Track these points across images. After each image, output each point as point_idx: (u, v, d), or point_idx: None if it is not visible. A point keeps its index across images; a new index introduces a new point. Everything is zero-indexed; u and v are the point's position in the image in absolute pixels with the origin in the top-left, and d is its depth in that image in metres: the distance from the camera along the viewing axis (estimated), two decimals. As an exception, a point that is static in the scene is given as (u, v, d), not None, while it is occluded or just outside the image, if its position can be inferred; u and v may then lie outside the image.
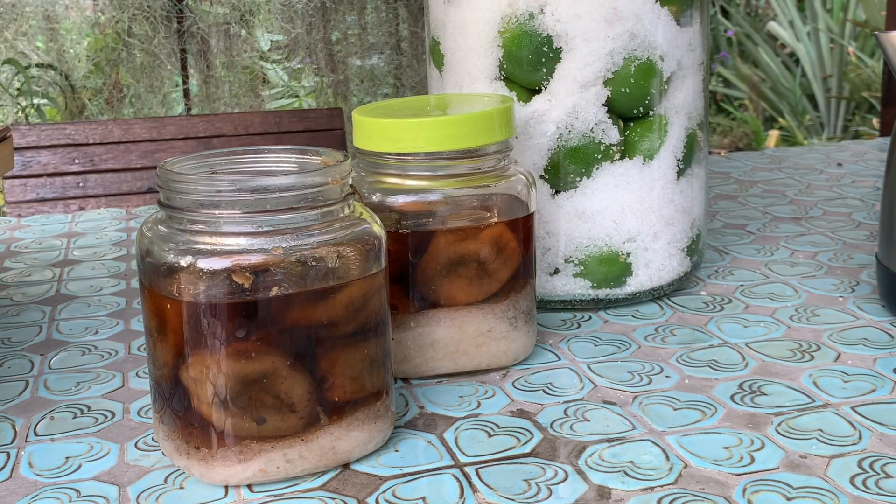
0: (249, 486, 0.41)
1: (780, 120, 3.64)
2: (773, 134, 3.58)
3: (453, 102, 0.56)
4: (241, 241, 0.39)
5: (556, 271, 0.59)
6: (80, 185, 1.41)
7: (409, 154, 0.49)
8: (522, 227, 0.51)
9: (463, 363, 0.51)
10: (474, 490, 0.40)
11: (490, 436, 0.45)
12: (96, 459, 0.44)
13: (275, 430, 0.40)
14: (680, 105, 0.59)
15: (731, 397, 0.48)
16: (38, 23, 2.37)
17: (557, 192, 0.58)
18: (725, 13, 3.97)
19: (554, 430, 0.45)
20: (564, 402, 0.48)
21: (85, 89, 2.46)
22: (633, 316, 0.59)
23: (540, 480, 0.41)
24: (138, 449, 0.45)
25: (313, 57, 2.53)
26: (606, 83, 0.56)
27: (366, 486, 0.41)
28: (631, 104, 0.57)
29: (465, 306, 0.50)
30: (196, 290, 0.39)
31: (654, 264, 0.60)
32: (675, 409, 0.47)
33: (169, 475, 0.42)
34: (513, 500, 0.40)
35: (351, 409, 0.41)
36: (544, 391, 0.49)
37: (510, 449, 0.44)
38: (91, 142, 1.42)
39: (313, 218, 0.40)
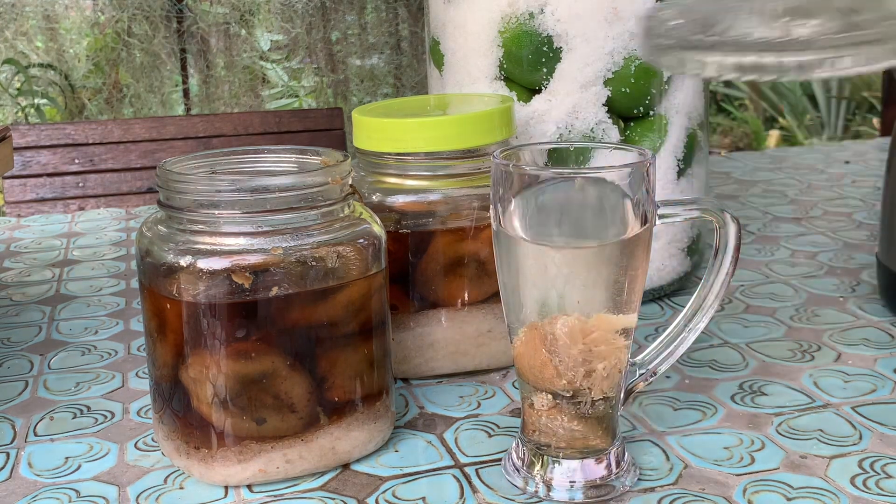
0: (249, 487, 0.41)
1: (781, 120, 3.64)
2: (774, 134, 3.58)
3: (453, 102, 0.56)
4: (241, 241, 0.39)
5: (556, 271, 0.59)
6: (80, 185, 1.41)
7: (409, 154, 0.49)
8: (522, 227, 0.50)
9: (463, 363, 0.51)
10: (474, 490, 0.40)
11: (490, 436, 0.45)
12: (96, 459, 0.44)
13: (275, 431, 0.40)
14: (680, 105, 0.59)
15: (732, 397, 0.48)
16: (38, 23, 2.38)
17: (557, 192, 0.58)
18: (725, 13, 3.96)
19: (554, 431, 0.45)
20: (564, 402, 0.48)
21: (85, 89, 2.46)
22: (633, 316, 0.59)
23: (540, 480, 0.41)
24: (138, 449, 0.45)
25: (313, 57, 2.53)
26: (606, 83, 0.56)
27: (366, 487, 0.41)
28: (631, 104, 0.57)
29: (465, 306, 0.50)
30: (196, 290, 0.39)
31: (654, 264, 0.59)
32: (676, 409, 0.47)
33: (169, 475, 0.42)
34: (513, 500, 0.39)
35: (351, 409, 0.41)
36: (544, 391, 0.49)
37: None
38: (91, 142, 1.42)
39: (313, 218, 0.40)
